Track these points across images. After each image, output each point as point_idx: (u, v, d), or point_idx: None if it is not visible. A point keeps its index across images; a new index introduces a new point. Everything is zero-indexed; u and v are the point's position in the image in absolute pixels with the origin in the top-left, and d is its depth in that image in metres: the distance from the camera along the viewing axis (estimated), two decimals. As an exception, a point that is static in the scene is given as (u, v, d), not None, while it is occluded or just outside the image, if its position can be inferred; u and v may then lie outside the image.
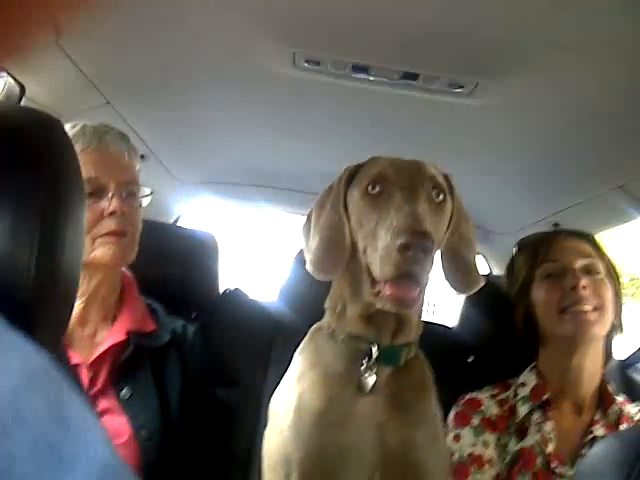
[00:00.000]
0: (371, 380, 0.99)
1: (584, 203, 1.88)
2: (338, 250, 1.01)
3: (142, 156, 1.95)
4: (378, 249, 0.90)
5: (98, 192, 1.20)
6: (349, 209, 1.02)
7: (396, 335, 1.02)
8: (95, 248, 1.18)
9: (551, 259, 1.39)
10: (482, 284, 1.04)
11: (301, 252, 1.15)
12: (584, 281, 1.32)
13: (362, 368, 0.99)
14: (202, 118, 1.81)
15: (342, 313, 1.04)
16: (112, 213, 1.19)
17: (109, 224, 1.19)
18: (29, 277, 0.48)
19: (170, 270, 1.55)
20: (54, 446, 0.35)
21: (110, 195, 1.20)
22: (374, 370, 1.00)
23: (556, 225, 1.53)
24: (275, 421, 1.02)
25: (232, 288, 1.72)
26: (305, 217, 1.12)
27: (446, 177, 1.04)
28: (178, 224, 2.38)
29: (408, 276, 0.88)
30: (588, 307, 1.31)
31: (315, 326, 1.10)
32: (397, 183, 0.96)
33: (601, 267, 1.38)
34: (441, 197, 0.99)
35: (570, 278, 1.33)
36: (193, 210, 2.43)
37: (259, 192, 2.27)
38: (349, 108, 1.61)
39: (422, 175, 0.98)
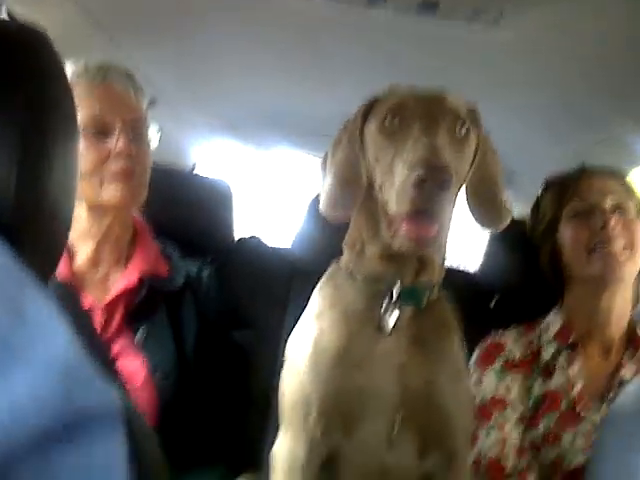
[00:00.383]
0: (392, 320, 0.95)
1: (610, 140, 1.81)
2: (353, 188, 0.95)
3: (153, 100, 1.91)
4: (394, 185, 0.84)
5: (104, 131, 1.15)
6: (366, 144, 0.96)
7: (418, 275, 0.96)
8: (103, 189, 1.15)
9: (579, 198, 1.33)
10: (510, 219, 0.99)
11: (317, 197, 1.10)
12: (613, 220, 1.26)
13: (383, 308, 0.95)
14: (213, 58, 1.75)
15: (361, 253, 0.99)
16: (119, 153, 1.14)
17: (116, 164, 1.14)
18: (9, 197, 0.44)
19: (184, 218, 1.51)
20: (6, 337, 0.32)
21: (116, 134, 1.15)
22: (395, 310, 0.95)
23: (583, 164, 1.46)
24: (293, 361, 0.98)
25: (248, 235, 1.69)
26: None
27: (471, 109, 0.97)
28: (194, 172, 2.34)
29: (424, 212, 0.82)
30: (618, 246, 1.25)
31: (333, 265, 1.06)
32: (416, 114, 0.89)
33: (631, 206, 1.31)
34: (464, 130, 0.92)
35: (599, 217, 1.27)
36: (209, 157, 2.38)
37: (275, 136, 2.21)
38: (366, 44, 1.54)
39: (443, 106, 0.91)
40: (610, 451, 0.88)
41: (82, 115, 1.13)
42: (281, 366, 1.02)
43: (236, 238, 1.66)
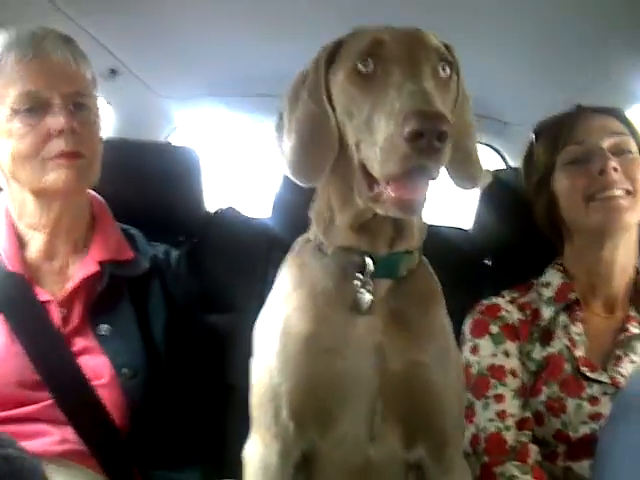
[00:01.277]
0: (367, 297, 0.85)
1: (609, 80, 1.68)
2: (323, 148, 0.82)
3: (113, 71, 1.79)
4: (378, 142, 0.72)
5: (40, 108, 1.03)
6: (333, 96, 0.82)
7: (394, 242, 0.86)
8: (46, 173, 1.04)
9: (575, 141, 1.20)
10: (487, 177, 0.88)
11: None
12: (614, 162, 1.14)
13: (356, 284, 0.85)
14: (176, 23, 1.62)
15: (330, 223, 0.88)
16: (59, 132, 1.02)
17: (58, 145, 1.03)
18: None
19: (149, 191, 1.41)
20: None
21: (55, 111, 1.03)
22: (370, 285, 0.85)
23: (578, 104, 1.34)
24: (260, 349, 0.89)
25: (224, 207, 1.58)
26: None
27: (448, 48, 0.83)
28: (169, 141, 2.23)
29: (419, 171, 0.71)
30: (619, 192, 1.14)
31: (301, 239, 0.95)
32: (395, 56, 0.76)
33: (633, 145, 1.20)
34: (448, 72, 0.79)
35: (597, 160, 1.15)
36: (181, 127, 2.27)
37: (247, 103, 2.09)
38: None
39: (425, 45, 0.78)
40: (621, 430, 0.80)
41: (14, 92, 1.02)
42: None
43: (209, 209, 1.56)
